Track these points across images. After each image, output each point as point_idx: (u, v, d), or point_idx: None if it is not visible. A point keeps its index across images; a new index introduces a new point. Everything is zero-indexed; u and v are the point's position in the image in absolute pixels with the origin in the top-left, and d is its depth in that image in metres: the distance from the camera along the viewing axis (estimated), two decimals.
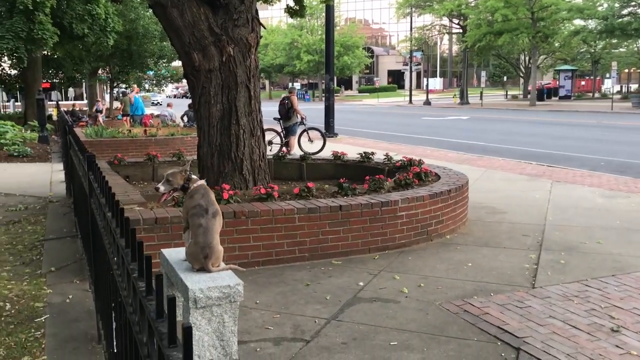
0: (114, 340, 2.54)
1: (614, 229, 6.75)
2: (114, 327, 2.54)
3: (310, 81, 70.03)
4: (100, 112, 23.81)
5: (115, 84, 30.23)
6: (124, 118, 21.12)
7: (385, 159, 8.72)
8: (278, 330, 3.96)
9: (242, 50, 6.73)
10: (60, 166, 12.56)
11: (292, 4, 12.43)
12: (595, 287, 4.79)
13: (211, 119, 6.78)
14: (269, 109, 16.99)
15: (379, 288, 4.79)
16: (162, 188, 3.79)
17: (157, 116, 22.53)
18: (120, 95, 43.52)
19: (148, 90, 36.02)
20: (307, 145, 13.65)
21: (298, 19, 12.97)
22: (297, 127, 13.82)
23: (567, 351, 3.61)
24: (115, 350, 2.53)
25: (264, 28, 7.62)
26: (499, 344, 3.74)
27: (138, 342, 1.55)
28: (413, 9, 50.31)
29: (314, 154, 11.37)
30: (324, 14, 46.36)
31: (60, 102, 28.90)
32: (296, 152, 12.54)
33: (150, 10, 24.05)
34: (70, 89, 41.25)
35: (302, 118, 13.66)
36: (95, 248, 3.52)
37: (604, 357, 3.54)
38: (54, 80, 30.88)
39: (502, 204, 8.19)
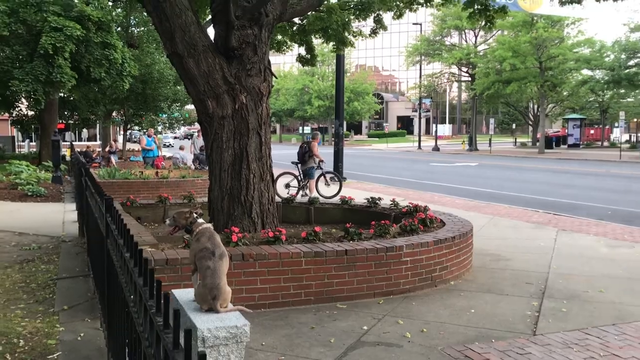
0: None
1: (616, 278, 6.82)
2: None
3: (320, 125, 70.90)
4: (114, 153, 24.26)
5: (129, 126, 30.83)
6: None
7: (391, 204, 8.88)
8: None
9: (255, 98, 7.01)
10: (73, 206, 12.82)
11: (303, 52, 12.89)
12: (596, 335, 4.86)
13: (223, 163, 7.01)
14: (279, 152, 17.29)
15: (383, 332, 4.89)
16: (167, 223, 4.07)
17: (169, 158, 22.91)
18: (134, 136, 44.28)
19: (160, 133, 36.70)
20: (323, 188, 13.93)
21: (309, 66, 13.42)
22: (314, 170, 14.17)
23: None
24: None
25: (276, 78, 7.93)
26: None
27: None
28: (422, 57, 51.31)
29: (331, 197, 11.58)
30: (334, 61, 47.39)
31: (74, 143, 29.47)
32: (314, 195, 12.78)
33: (165, 56, 24.82)
34: (84, 130, 42.07)
35: (319, 162, 14.04)
36: (109, 287, 3.68)
37: None
38: (69, 122, 31.57)
39: (507, 251, 8.29)
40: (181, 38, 6.67)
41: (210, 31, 7.59)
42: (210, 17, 8.93)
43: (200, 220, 4.06)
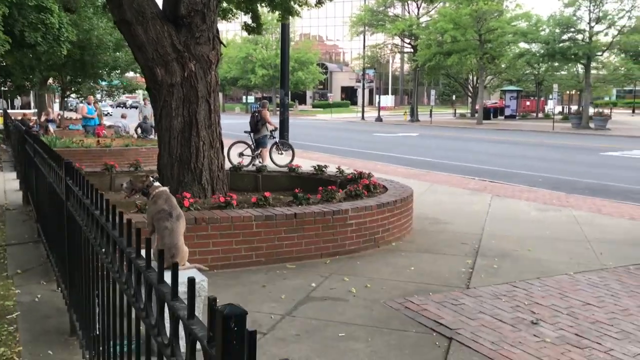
0: (97, 323, 2.89)
1: (543, 239, 7.41)
2: (97, 312, 2.88)
3: (265, 95, 70.37)
4: (52, 121, 23.53)
5: (66, 94, 29.84)
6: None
7: (337, 171, 9.21)
8: None
9: (203, 66, 7.11)
10: (12, 175, 12.55)
11: (249, 21, 12.90)
12: (522, 287, 5.37)
13: (172, 130, 7.11)
14: (223, 122, 17.29)
15: (330, 288, 5.23)
16: (124, 186, 4.25)
17: (111, 127, 22.46)
18: (71, 104, 42.80)
19: (100, 101, 35.71)
20: (277, 157, 14.14)
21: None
22: (267, 139, 14.32)
23: (492, 339, 4.13)
24: (97, 333, 2.87)
25: (225, 46, 8.02)
26: (434, 334, 4.23)
27: (134, 307, 1.94)
28: (366, 28, 51.58)
29: (285, 165, 11.77)
30: (279, 30, 46.93)
31: (8, 111, 28.33)
32: (268, 163, 12.94)
33: (105, 21, 24.05)
34: (17, 98, 40.31)
35: (272, 130, 14.21)
36: (70, 247, 3.83)
37: (523, 344, 4.07)
38: (2, 89, 30.25)
39: (444, 215, 8.79)
40: (129, 5, 6.67)
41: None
42: None
43: (157, 183, 4.25)
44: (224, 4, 12.20)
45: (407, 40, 51.34)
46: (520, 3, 43.06)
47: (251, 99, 70.24)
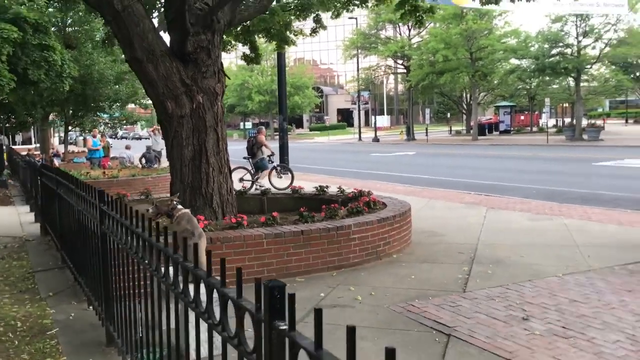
0: (140, 327, 3.35)
1: (535, 246, 7.87)
2: (139, 317, 3.35)
3: (262, 120, 71.19)
4: (57, 156, 24.08)
5: (70, 128, 30.46)
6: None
7: (338, 191, 9.70)
8: None
9: (210, 98, 7.65)
10: (25, 209, 13.03)
11: (248, 52, 13.52)
12: (514, 289, 5.82)
13: (183, 159, 7.62)
14: None
15: (337, 297, 5.68)
16: (150, 211, 4.72)
17: (115, 158, 23.00)
18: (70, 138, 43.39)
19: (103, 134, 36.38)
20: (276, 181, 14.62)
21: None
22: (266, 162, 14.82)
23: (486, 334, 4.58)
24: (141, 335, 3.34)
25: (229, 78, 8.57)
26: (434, 332, 4.68)
27: (180, 299, 2.41)
28: (359, 51, 52.52)
29: (284, 188, 12.22)
30: (273, 56, 47.70)
31: (13, 147, 28.89)
32: (267, 186, 13.38)
33: (105, 56, 24.72)
34: (18, 134, 40.90)
35: (270, 155, 14.75)
36: (104, 266, 4.30)
37: (514, 337, 4.52)
38: (6, 125, 30.85)
39: (441, 228, 9.26)
40: (140, 44, 7.22)
41: (164, 36, 8.15)
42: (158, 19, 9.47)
43: (180, 206, 4.74)
44: (224, 37, 12.83)
45: (400, 62, 52.29)
46: (508, 21, 44.06)
47: (249, 125, 70.95)
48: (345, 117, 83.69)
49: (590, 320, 4.86)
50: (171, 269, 2.72)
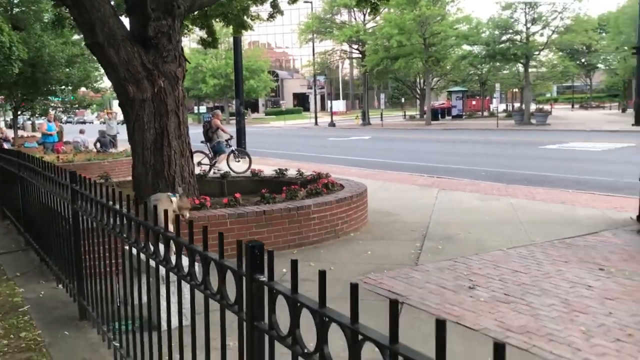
0: (117, 298, 3.59)
1: (482, 224, 8.38)
2: (116, 289, 3.59)
3: (216, 104, 70.56)
4: (6, 140, 23.50)
5: (20, 112, 29.66)
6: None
7: (297, 174, 10.00)
8: None
9: (172, 82, 7.79)
10: None
11: (204, 36, 13.58)
12: (462, 262, 6.27)
13: (145, 142, 7.75)
14: None
15: (299, 272, 5.99)
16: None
17: (69, 143, 22.63)
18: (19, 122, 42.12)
19: (60, 120, 35.61)
20: (234, 164, 14.77)
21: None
22: (223, 145, 14.91)
23: (436, 302, 5.00)
24: (119, 304, 3.58)
25: (189, 63, 8.71)
26: (389, 301, 5.05)
27: (162, 265, 2.68)
28: (315, 35, 52.64)
29: (242, 172, 12.41)
30: (228, 39, 47.25)
31: None
32: (227, 169, 13.53)
33: (57, 39, 24.17)
34: None
35: (228, 139, 14.84)
36: (76, 244, 4.49)
37: (462, 303, 4.95)
38: None
39: (396, 208, 9.69)
40: (101, 29, 7.29)
41: (124, 20, 8.21)
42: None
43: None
44: None
45: (355, 46, 52.68)
46: (460, 7, 45.03)
47: (203, 109, 70.28)
48: (302, 101, 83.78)
49: (530, 287, 5.34)
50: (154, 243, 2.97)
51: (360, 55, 51.58)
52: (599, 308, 4.75)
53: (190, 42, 13.61)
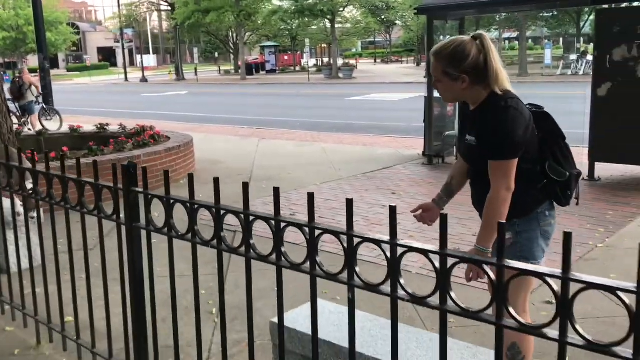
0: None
1: (299, 165, 9.43)
2: None
3: (7, 60, 63.67)
4: None
5: None
6: None
7: (120, 128, 10.12)
8: None
9: None
10: None
11: None
12: (283, 196, 7.19)
13: None
14: None
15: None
16: None
17: None
18: None
19: None
20: (46, 123, 14.07)
21: None
22: (34, 105, 14.08)
23: (263, 227, 5.83)
24: None
25: None
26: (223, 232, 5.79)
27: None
28: None
29: (56, 131, 11.98)
30: None
31: None
32: (39, 129, 12.91)
33: None
34: None
35: (37, 96, 14.03)
36: None
37: None
38: None
39: (221, 157, 10.35)
40: None
41: None
42: None
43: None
44: None
45: None
46: None
47: None
48: (108, 56, 78.86)
49: (339, 210, 6.44)
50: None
51: (169, 8, 50.07)
52: None
53: None
